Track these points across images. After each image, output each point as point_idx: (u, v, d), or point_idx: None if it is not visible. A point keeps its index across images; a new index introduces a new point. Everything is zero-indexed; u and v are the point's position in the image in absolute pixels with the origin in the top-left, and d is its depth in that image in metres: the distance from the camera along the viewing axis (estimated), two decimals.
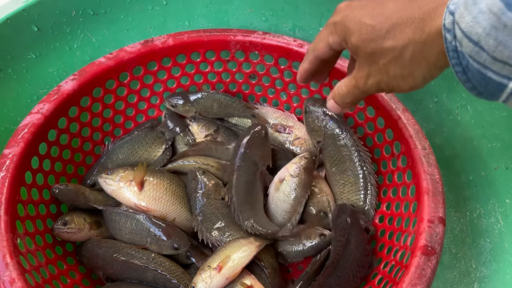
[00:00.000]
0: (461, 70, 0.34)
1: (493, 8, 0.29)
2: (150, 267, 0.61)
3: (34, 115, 0.64)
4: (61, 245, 0.65)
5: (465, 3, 0.31)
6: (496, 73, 0.31)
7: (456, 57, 0.33)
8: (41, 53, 0.69)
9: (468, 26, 0.31)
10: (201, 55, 0.78)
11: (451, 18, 0.33)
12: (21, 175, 0.60)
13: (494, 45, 0.30)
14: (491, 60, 0.31)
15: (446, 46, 0.34)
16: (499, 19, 0.29)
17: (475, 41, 0.31)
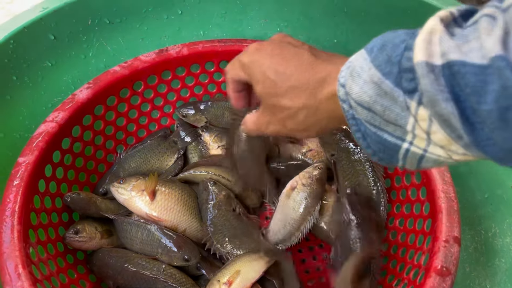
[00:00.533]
0: (361, 136, 0.36)
1: (374, 78, 0.32)
2: (161, 278, 0.61)
3: (49, 123, 0.64)
4: (72, 253, 0.65)
5: (351, 76, 0.34)
6: (391, 135, 0.33)
7: (355, 124, 0.36)
8: (56, 61, 0.70)
9: (358, 96, 0.34)
10: (215, 65, 0.78)
11: (343, 90, 0.35)
12: (34, 183, 0.60)
13: (382, 110, 0.32)
14: (384, 123, 0.33)
15: (346, 115, 0.36)
16: (380, 88, 0.32)
17: (367, 107, 0.33)
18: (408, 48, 0.30)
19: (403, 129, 0.32)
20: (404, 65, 0.30)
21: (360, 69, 0.33)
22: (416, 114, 0.31)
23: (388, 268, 0.64)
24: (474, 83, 0.27)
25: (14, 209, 0.55)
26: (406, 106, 0.31)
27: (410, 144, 0.33)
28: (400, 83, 0.31)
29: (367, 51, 0.34)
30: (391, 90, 0.31)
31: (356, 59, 0.35)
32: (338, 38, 0.78)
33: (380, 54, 0.32)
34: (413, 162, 0.34)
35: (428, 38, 0.29)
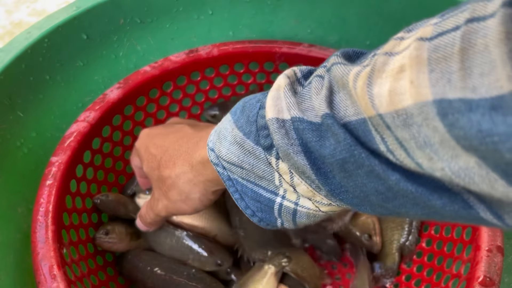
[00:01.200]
0: (239, 197, 0.36)
1: (237, 138, 0.34)
2: (192, 284, 0.60)
3: (80, 123, 0.63)
4: (102, 255, 0.64)
5: (218, 139, 0.36)
6: (265, 190, 0.34)
7: (232, 185, 0.36)
8: (88, 60, 0.69)
9: (227, 157, 0.35)
10: (245, 66, 0.77)
11: (214, 154, 0.36)
12: (67, 183, 0.60)
13: (251, 167, 0.33)
14: (257, 177, 0.34)
15: (222, 178, 0.37)
16: (244, 147, 0.33)
17: (238, 165, 0.34)
18: (262, 106, 0.32)
19: (274, 184, 0.33)
20: (260, 123, 0.32)
21: (225, 131, 0.35)
22: (278, 168, 0.32)
23: (422, 277, 0.62)
24: (313, 138, 0.28)
25: (48, 209, 0.55)
26: (268, 162, 0.32)
27: (282, 198, 0.34)
28: (259, 140, 0.32)
29: (231, 113, 0.36)
30: (252, 148, 0.33)
31: (222, 122, 0.37)
32: (370, 40, 0.76)
33: (241, 115, 0.34)
34: (289, 218, 0.35)
35: (276, 94, 0.31)
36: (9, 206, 0.60)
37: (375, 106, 0.24)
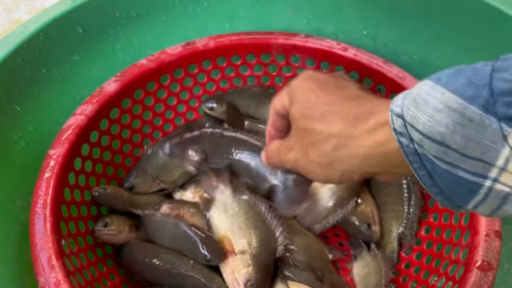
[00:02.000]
0: (425, 174, 0.30)
1: (452, 104, 0.27)
2: (189, 274, 0.60)
3: (78, 116, 0.64)
4: (101, 247, 0.64)
5: (415, 104, 0.29)
6: (468, 172, 0.27)
7: (418, 160, 0.30)
8: (85, 54, 0.69)
9: (426, 126, 0.28)
10: (242, 58, 0.77)
11: (401, 121, 0.30)
12: (65, 176, 0.60)
13: (463, 142, 0.27)
14: (462, 158, 0.27)
15: (404, 151, 0.30)
16: (463, 115, 0.26)
17: (439, 140, 0.28)
18: (499, 69, 0.26)
19: (489, 164, 0.27)
20: (499, 87, 0.25)
21: (428, 96, 0.28)
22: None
23: (421, 264, 0.62)
24: None
25: (46, 201, 0.55)
26: (502, 136, 0.25)
27: (494, 181, 0.27)
28: (493, 108, 0.25)
29: (432, 80, 0.29)
30: (479, 117, 0.26)
31: (417, 87, 0.30)
32: (367, 30, 0.76)
33: (454, 79, 0.27)
34: (493, 205, 0.28)
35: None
36: (8, 199, 0.60)
37: None
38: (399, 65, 0.72)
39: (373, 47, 0.77)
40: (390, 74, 0.68)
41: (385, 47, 0.76)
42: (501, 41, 0.62)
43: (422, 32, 0.71)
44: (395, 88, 0.68)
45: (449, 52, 0.70)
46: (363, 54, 0.71)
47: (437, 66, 0.71)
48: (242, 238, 0.61)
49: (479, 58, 0.66)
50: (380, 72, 0.69)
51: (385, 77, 0.69)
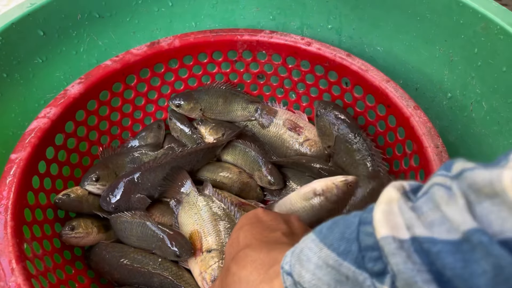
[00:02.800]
0: None
1: (328, 260, 0.27)
2: (157, 272, 0.60)
3: (41, 119, 0.63)
4: (70, 249, 0.64)
5: (299, 261, 0.29)
6: None
7: None
8: (47, 57, 0.69)
9: (311, 284, 0.28)
10: (208, 56, 0.77)
11: (290, 279, 0.30)
12: (28, 179, 0.60)
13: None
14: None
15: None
16: (339, 272, 0.27)
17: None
18: (364, 222, 0.27)
19: None
20: (365, 242, 0.26)
21: (309, 251, 0.29)
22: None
23: None
24: (453, 264, 0.22)
25: (7, 205, 0.55)
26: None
27: None
28: (363, 263, 0.26)
29: (314, 233, 0.30)
30: (353, 273, 0.26)
31: (302, 241, 0.31)
32: (331, 24, 0.77)
33: (330, 232, 0.28)
34: None
35: (387, 208, 0.26)
36: None
37: None
38: (365, 57, 0.73)
39: (338, 40, 0.78)
40: (354, 67, 0.69)
41: (350, 40, 0.77)
42: (459, 28, 0.63)
43: (383, 24, 0.71)
44: (359, 80, 0.68)
45: (410, 43, 0.70)
46: (326, 48, 0.72)
47: (401, 57, 0.72)
48: (208, 235, 0.61)
49: (439, 46, 0.67)
50: (343, 65, 0.70)
51: (349, 70, 0.69)
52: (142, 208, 0.66)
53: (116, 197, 0.66)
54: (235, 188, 0.72)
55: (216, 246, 0.60)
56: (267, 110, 0.78)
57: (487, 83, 0.63)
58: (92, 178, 0.67)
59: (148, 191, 0.67)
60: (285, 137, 0.76)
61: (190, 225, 0.63)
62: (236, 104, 0.78)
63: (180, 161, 0.69)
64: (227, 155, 0.76)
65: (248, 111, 0.79)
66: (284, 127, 0.77)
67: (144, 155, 0.74)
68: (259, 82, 0.81)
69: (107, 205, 0.66)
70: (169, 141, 0.78)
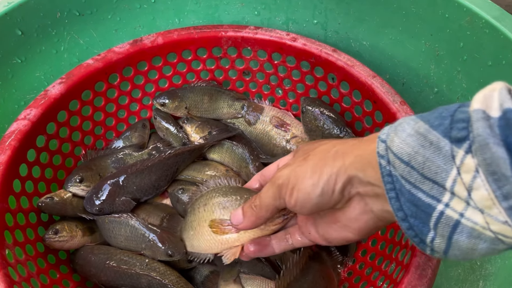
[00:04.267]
0: (394, 196, 0.34)
1: (420, 129, 0.31)
2: (144, 273, 0.60)
3: (21, 121, 0.62)
4: (54, 253, 0.63)
5: (395, 130, 0.33)
6: (426, 194, 0.31)
7: (390, 181, 0.34)
8: (26, 57, 0.68)
9: (398, 148, 0.32)
10: (193, 53, 0.76)
11: (383, 145, 0.34)
12: (9, 183, 0.58)
13: (422, 162, 0.31)
14: (421, 179, 0.31)
15: (381, 172, 0.34)
16: (425, 138, 0.31)
17: (406, 161, 0.32)
18: (462, 105, 0.30)
19: (441, 187, 0.30)
20: (457, 116, 0.29)
21: (406, 124, 0.33)
22: (461, 164, 0.29)
23: (377, 250, 0.62)
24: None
25: None
26: (451, 156, 0.29)
27: (445, 206, 0.30)
28: (449, 133, 0.29)
29: (414, 117, 0.33)
30: (437, 140, 0.30)
31: (402, 118, 0.34)
32: (317, 19, 0.76)
33: (430, 114, 0.32)
34: (445, 232, 0.31)
35: (488, 93, 0.29)
36: None
37: None
38: (351, 52, 0.72)
39: (324, 35, 0.77)
40: (340, 62, 0.68)
41: (336, 35, 0.76)
42: (445, 23, 0.62)
43: (369, 19, 0.70)
44: (345, 76, 0.68)
45: (396, 37, 0.70)
46: (312, 43, 0.71)
47: (387, 51, 0.71)
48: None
49: (425, 41, 0.66)
50: (329, 61, 0.69)
51: (335, 66, 0.68)
52: (127, 210, 0.65)
53: (100, 199, 0.65)
54: None
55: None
56: (254, 107, 0.77)
57: (473, 77, 0.62)
58: (75, 179, 0.66)
59: (133, 194, 0.66)
60: (272, 134, 0.76)
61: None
62: (222, 102, 0.77)
63: (166, 163, 0.68)
64: (214, 154, 0.75)
65: (234, 109, 0.78)
66: (271, 124, 0.76)
67: (128, 156, 0.72)
68: (245, 79, 0.80)
69: (91, 207, 0.65)
70: (154, 140, 0.77)
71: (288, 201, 0.43)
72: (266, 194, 0.45)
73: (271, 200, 0.45)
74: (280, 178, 0.43)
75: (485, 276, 0.57)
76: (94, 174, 0.68)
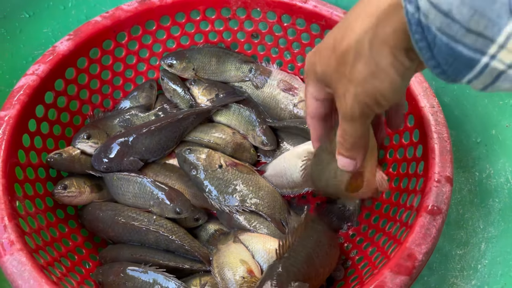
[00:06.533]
0: (425, 46, 0.30)
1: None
2: (151, 229, 0.61)
3: (29, 76, 0.62)
4: (63, 208, 0.64)
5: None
6: (467, 47, 0.28)
7: (420, 31, 0.29)
8: (34, 12, 0.67)
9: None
10: (201, 13, 0.75)
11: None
12: (18, 137, 0.59)
13: (470, 15, 0.26)
14: (464, 32, 0.27)
15: (408, 19, 0.30)
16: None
17: (445, 11, 0.27)
18: None
19: (490, 40, 0.27)
20: None
21: None
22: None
23: (380, 213, 0.63)
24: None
25: None
26: (509, 10, 0.25)
27: (491, 58, 0.27)
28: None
29: None
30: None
31: None
32: None
33: None
34: (487, 80, 0.28)
35: None
36: None
37: None
38: None
39: None
40: None
41: None
42: None
43: None
44: None
45: None
46: (323, 5, 0.70)
47: None
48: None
49: None
50: None
51: None
52: (134, 170, 0.66)
53: (108, 157, 0.65)
54: (229, 149, 0.72)
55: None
56: (261, 70, 0.77)
57: None
58: (83, 136, 0.66)
59: (142, 154, 0.67)
60: (280, 98, 0.75)
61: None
62: (230, 64, 0.77)
63: (174, 125, 0.68)
64: (221, 116, 0.75)
65: (242, 71, 0.77)
66: (278, 88, 0.76)
67: (135, 116, 0.73)
68: (254, 42, 0.79)
69: (99, 165, 0.65)
70: (161, 101, 0.77)
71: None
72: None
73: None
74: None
75: (487, 239, 0.57)
76: (101, 132, 0.68)
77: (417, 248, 0.47)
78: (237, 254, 0.59)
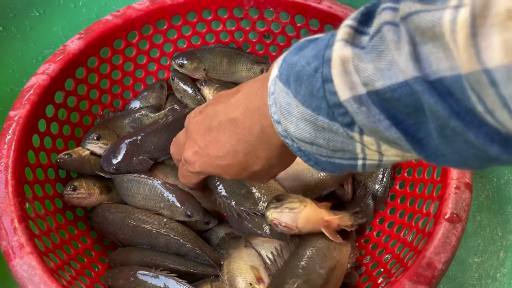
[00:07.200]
0: (313, 164, 0.35)
1: (306, 116, 0.31)
2: (162, 232, 0.60)
3: (40, 76, 0.61)
4: (72, 210, 0.63)
5: (283, 115, 0.33)
6: (342, 159, 0.33)
7: (303, 155, 0.35)
8: (45, 10, 0.66)
9: (296, 133, 0.33)
10: (213, 12, 0.74)
11: (281, 127, 0.34)
12: (28, 138, 0.58)
13: (326, 142, 0.32)
14: (332, 152, 0.32)
15: (292, 149, 0.35)
16: (316, 124, 0.31)
17: (309, 142, 0.33)
18: (326, 80, 0.29)
19: (353, 152, 0.32)
20: (332, 101, 0.29)
21: (288, 106, 0.32)
22: (362, 141, 0.30)
23: (395, 218, 0.62)
24: (411, 103, 0.25)
25: (8, 163, 0.53)
26: (349, 136, 0.30)
27: (364, 159, 0.32)
28: (334, 117, 0.29)
29: (282, 81, 0.33)
30: (328, 125, 0.30)
31: (277, 92, 0.33)
32: None
33: (299, 87, 0.31)
34: (373, 168, 0.34)
35: (342, 70, 0.27)
36: None
37: (482, 60, 0.21)
38: None
39: None
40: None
41: None
42: None
43: None
44: None
45: None
46: (338, 6, 0.69)
47: None
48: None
49: None
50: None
51: None
52: (144, 170, 0.65)
53: (117, 158, 0.64)
54: None
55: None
56: None
57: None
58: (93, 137, 0.65)
59: (151, 153, 0.66)
60: None
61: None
62: (241, 65, 0.76)
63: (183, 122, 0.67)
64: None
65: (253, 72, 0.76)
66: None
67: (145, 116, 0.72)
68: (266, 42, 0.78)
69: (108, 166, 0.64)
70: (171, 102, 0.76)
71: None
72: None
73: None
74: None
75: (506, 246, 0.56)
76: (111, 133, 0.67)
77: (436, 257, 0.46)
78: (248, 260, 0.58)
